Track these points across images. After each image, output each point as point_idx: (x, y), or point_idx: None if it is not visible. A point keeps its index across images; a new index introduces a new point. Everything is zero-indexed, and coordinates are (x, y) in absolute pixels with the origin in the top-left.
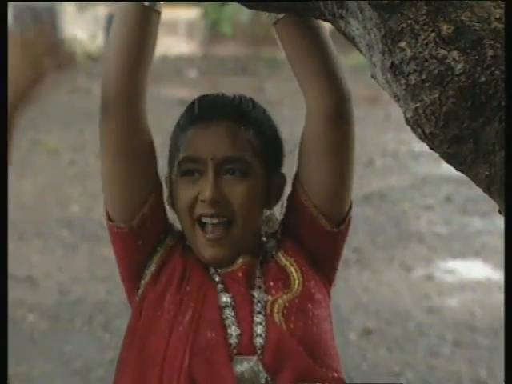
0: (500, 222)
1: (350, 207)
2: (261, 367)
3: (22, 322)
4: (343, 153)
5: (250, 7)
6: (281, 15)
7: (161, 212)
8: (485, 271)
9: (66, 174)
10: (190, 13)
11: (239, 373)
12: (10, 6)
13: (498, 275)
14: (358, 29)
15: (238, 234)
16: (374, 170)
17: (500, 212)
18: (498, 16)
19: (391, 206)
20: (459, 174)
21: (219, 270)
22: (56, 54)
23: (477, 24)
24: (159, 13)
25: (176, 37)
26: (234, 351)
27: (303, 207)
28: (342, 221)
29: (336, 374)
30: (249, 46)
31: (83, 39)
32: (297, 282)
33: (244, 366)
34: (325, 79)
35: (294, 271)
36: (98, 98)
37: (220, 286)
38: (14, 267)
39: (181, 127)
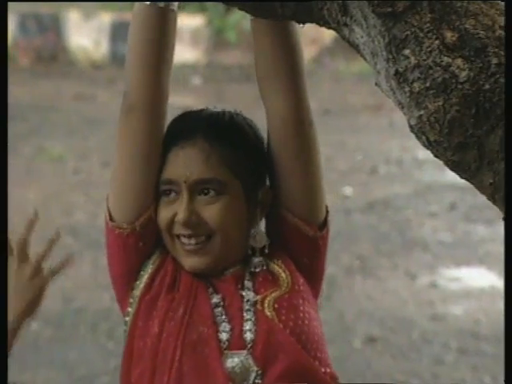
0: None
1: (327, 211)
2: (251, 361)
3: (26, 330)
4: (311, 153)
5: (254, 15)
6: None
7: None
8: (489, 279)
9: (71, 181)
10: (194, 20)
11: (230, 367)
12: (14, 13)
13: (502, 283)
14: (362, 36)
15: (217, 246)
16: (378, 178)
17: (504, 219)
18: (502, 24)
19: (395, 214)
20: (463, 181)
21: (209, 279)
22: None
23: (481, 32)
24: (175, 12)
25: (180, 44)
26: (225, 346)
27: (282, 218)
28: (322, 225)
29: (329, 369)
30: (253, 54)
31: (87, 47)
32: (285, 280)
33: (235, 360)
34: (291, 83)
35: (282, 272)
36: (103, 106)
37: (210, 290)
38: None
39: (164, 146)
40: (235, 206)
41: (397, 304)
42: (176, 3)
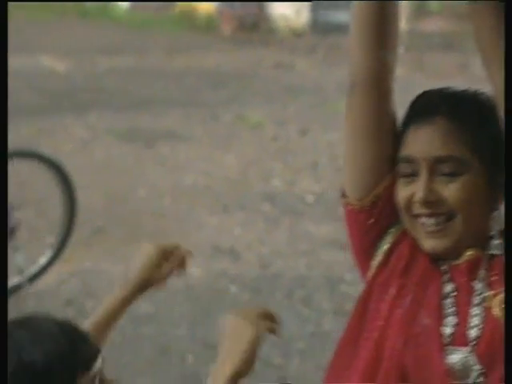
0: None
1: None
2: (474, 359)
3: (225, 293)
4: None
5: None
6: None
7: (394, 195)
8: None
9: (269, 148)
10: None
11: (451, 363)
12: None
13: None
14: None
15: (458, 228)
16: None
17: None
18: None
19: None
20: None
21: (447, 262)
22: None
23: None
24: None
25: None
26: (447, 341)
27: None
28: None
29: None
30: (455, 22)
31: (288, 15)
32: None
33: (456, 357)
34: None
35: None
36: (302, 74)
37: (446, 276)
38: (217, 239)
39: (404, 122)
40: (476, 187)
41: None
42: None
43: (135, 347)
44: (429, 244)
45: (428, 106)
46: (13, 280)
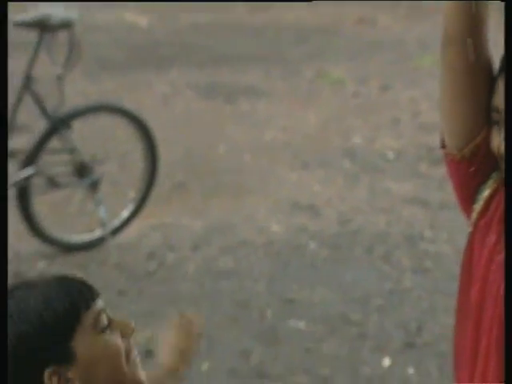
0: None
1: None
2: None
3: (305, 249)
4: None
5: None
6: None
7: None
8: None
9: (349, 105)
10: None
11: None
12: None
13: None
14: None
15: None
16: None
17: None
18: None
19: None
20: None
21: None
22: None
23: None
24: None
25: None
26: None
27: None
28: None
29: None
30: None
31: None
32: None
33: None
34: None
35: None
36: (384, 30)
37: None
38: (297, 195)
39: (498, 71)
40: None
41: None
42: None
43: (214, 302)
44: None
45: None
46: (95, 233)
